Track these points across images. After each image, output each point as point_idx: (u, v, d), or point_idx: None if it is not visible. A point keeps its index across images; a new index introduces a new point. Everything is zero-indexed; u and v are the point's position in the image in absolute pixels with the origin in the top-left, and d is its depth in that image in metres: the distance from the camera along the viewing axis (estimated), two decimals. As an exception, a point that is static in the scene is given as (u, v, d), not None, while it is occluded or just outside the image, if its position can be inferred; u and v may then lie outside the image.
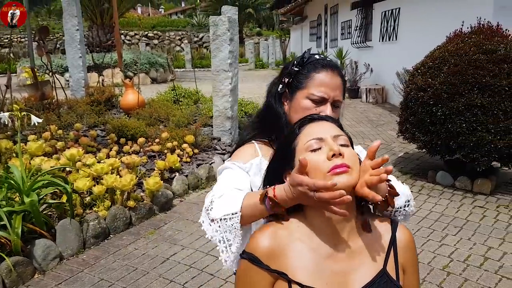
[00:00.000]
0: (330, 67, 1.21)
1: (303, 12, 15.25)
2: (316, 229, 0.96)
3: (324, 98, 1.17)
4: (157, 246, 3.33)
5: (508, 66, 4.01)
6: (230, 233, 0.99)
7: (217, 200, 1.03)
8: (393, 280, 0.95)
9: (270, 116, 1.27)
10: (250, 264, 0.95)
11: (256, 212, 0.98)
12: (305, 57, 1.23)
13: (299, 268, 0.93)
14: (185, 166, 4.87)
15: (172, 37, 29.13)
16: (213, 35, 5.49)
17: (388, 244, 0.98)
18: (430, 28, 6.86)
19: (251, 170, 1.19)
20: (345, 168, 0.89)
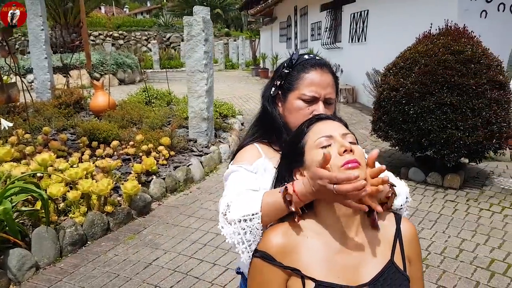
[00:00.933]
0: (319, 65, 1.22)
1: (273, 13, 15.34)
2: (327, 225, 0.98)
3: (315, 97, 1.19)
4: (138, 251, 3.26)
5: (475, 66, 4.19)
6: (251, 234, 0.99)
7: (235, 201, 1.03)
8: (400, 270, 0.99)
9: (267, 119, 1.28)
10: (263, 262, 0.96)
11: (277, 211, 0.98)
12: (294, 58, 1.24)
13: (311, 263, 0.95)
14: (162, 168, 4.80)
15: (138, 37, 28.59)
16: (187, 36, 5.44)
17: (394, 236, 1.02)
18: (398, 30, 7.06)
19: (258, 172, 1.19)
20: (356, 163, 0.92)
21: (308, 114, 1.18)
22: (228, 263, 3.08)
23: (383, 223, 1.03)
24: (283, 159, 1.10)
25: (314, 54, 1.31)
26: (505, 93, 4.24)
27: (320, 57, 1.28)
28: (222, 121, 6.92)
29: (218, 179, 5.07)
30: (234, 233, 1.00)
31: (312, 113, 1.18)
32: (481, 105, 4.11)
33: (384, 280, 0.96)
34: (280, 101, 1.26)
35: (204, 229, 3.66)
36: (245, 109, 8.91)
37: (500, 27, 5.70)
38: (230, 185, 1.15)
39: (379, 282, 0.95)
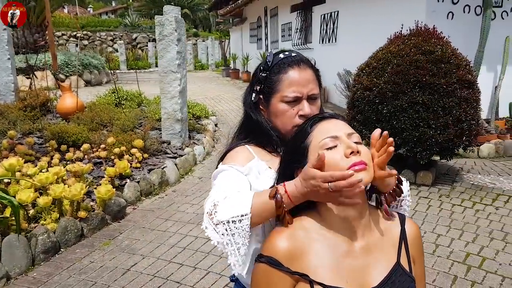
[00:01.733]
0: (296, 63, 1.17)
1: (242, 13, 15.31)
2: (332, 227, 0.96)
3: (297, 97, 1.15)
4: (115, 257, 3.16)
5: (445, 66, 4.30)
6: (239, 236, 0.93)
7: (222, 202, 0.97)
8: (406, 272, 0.98)
9: (252, 126, 1.22)
10: (269, 267, 0.92)
11: (267, 212, 0.94)
12: (269, 60, 1.19)
13: (319, 268, 0.92)
14: (135, 171, 4.68)
15: (104, 38, 27.91)
16: (159, 35, 5.33)
17: (399, 237, 1.01)
18: (369, 31, 7.19)
19: (251, 174, 1.13)
20: (363, 165, 0.90)
21: (294, 115, 1.15)
22: (209, 266, 3.03)
23: (388, 224, 1.02)
24: (284, 159, 1.06)
25: (289, 50, 1.26)
26: (473, 92, 4.38)
27: (295, 52, 1.22)
28: (195, 122, 6.84)
29: (194, 181, 5.00)
30: (222, 235, 0.94)
31: (298, 113, 1.15)
32: (452, 104, 4.22)
33: (392, 283, 0.94)
34: (263, 105, 1.21)
35: (182, 233, 3.59)
36: (218, 110, 8.85)
37: (465, 28, 5.90)
38: (218, 185, 1.09)
39: (388, 286, 0.94)
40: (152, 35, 26.98)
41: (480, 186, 4.57)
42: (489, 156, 5.78)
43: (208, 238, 0.96)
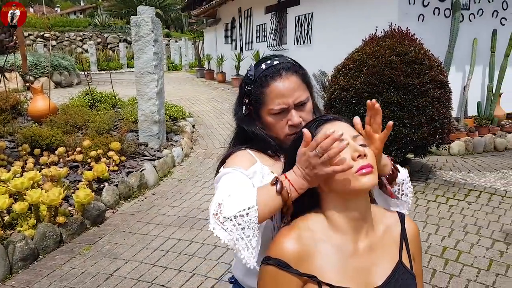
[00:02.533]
0: (277, 73, 1.15)
1: (216, 14, 15.26)
2: (337, 227, 0.97)
3: (284, 108, 1.14)
4: (97, 262, 3.10)
5: (418, 67, 4.43)
6: (249, 228, 0.91)
7: (227, 199, 0.96)
8: (408, 270, 1.01)
9: (247, 136, 1.21)
10: (278, 270, 0.92)
11: (272, 202, 0.93)
12: (251, 74, 1.18)
13: (326, 269, 0.93)
14: (113, 175, 4.60)
15: (73, 38, 27.19)
16: (135, 36, 5.27)
17: (400, 236, 1.04)
18: (343, 32, 7.31)
19: (255, 178, 1.12)
20: (370, 168, 0.92)
21: (284, 125, 1.15)
22: (193, 268, 3.02)
23: (389, 223, 1.05)
24: (288, 162, 1.06)
25: (271, 57, 1.21)
26: (445, 92, 4.54)
27: (277, 59, 1.19)
28: (172, 124, 6.78)
29: (173, 183, 4.96)
30: (231, 231, 0.91)
31: (288, 123, 1.14)
32: (425, 103, 4.36)
33: (395, 282, 0.97)
34: (255, 117, 1.21)
35: (165, 236, 3.56)
36: (194, 111, 8.80)
37: (435, 30, 6.09)
38: (222, 186, 1.06)
39: (391, 284, 0.97)
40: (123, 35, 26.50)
41: (453, 182, 4.73)
42: (459, 153, 5.99)
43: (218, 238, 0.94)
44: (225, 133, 7.09)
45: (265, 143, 1.18)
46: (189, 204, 4.27)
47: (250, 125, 1.20)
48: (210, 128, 7.50)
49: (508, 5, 6.73)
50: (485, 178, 4.88)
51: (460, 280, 2.80)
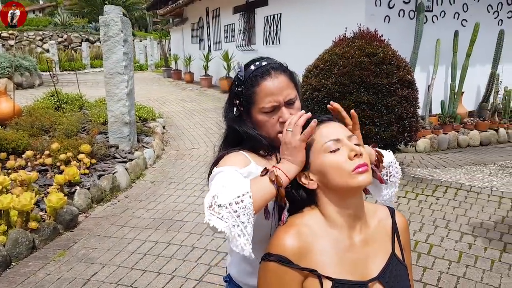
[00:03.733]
0: (267, 73, 1.18)
1: (183, 14, 15.11)
2: (333, 223, 1.01)
3: (275, 106, 1.17)
4: (72, 267, 3.02)
5: (387, 67, 4.57)
6: (244, 215, 0.93)
7: (221, 190, 0.97)
8: (401, 261, 1.07)
9: (239, 137, 1.23)
10: (279, 265, 0.95)
11: (265, 191, 0.97)
12: (241, 75, 1.20)
13: (326, 263, 0.97)
14: (84, 178, 4.49)
15: (32, 38, 26.18)
16: (104, 36, 5.15)
17: (391, 229, 1.09)
18: (312, 33, 7.43)
19: (250, 178, 1.11)
20: (366, 167, 0.96)
21: (275, 123, 1.18)
22: (173, 270, 3.00)
23: (381, 217, 1.10)
24: None
25: (259, 59, 1.24)
26: (412, 91, 4.70)
27: (266, 60, 1.23)
28: (142, 125, 6.68)
29: (146, 185, 4.89)
30: (227, 218, 0.92)
31: (279, 120, 1.17)
32: (394, 103, 4.50)
33: (390, 272, 1.02)
34: (246, 117, 1.23)
35: (141, 239, 3.51)
36: (164, 111, 8.69)
37: (401, 31, 6.30)
38: (216, 183, 1.06)
39: (386, 275, 1.02)
40: (85, 34, 25.77)
41: (420, 178, 4.92)
42: (425, 150, 6.22)
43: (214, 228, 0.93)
44: (196, 134, 7.06)
45: (258, 142, 1.20)
46: (164, 206, 4.23)
47: (242, 125, 1.22)
48: (181, 129, 7.44)
49: (469, 7, 7.06)
50: (450, 174, 5.10)
51: (433, 272, 2.92)
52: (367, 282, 0.99)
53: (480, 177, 4.95)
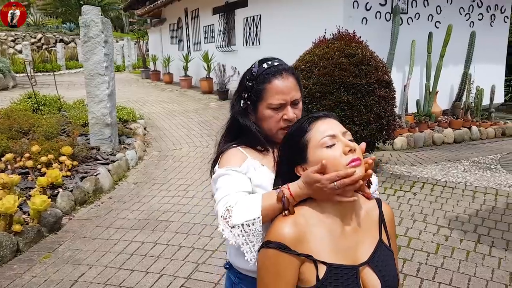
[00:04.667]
0: (279, 73, 1.28)
1: (161, 14, 15.02)
2: (328, 214, 1.10)
3: (282, 104, 1.27)
4: (59, 269, 3.02)
5: (365, 68, 4.71)
6: (253, 236, 1.09)
7: (235, 207, 1.10)
8: (387, 247, 1.16)
9: (240, 129, 1.33)
10: (278, 252, 1.04)
11: (274, 212, 1.10)
12: (254, 71, 1.30)
13: (320, 249, 1.06)
14: (66, 180, 4.46)
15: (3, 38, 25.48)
16: (85, 37, 5.12)
17: (378, 218, 1.18)
18: (292, 34, 7.54)
19: (249, 171, 1.25)
20: (359, 161, 1.05)
21: (279, 119, 1.28)
22: (161, 269, 3.03)
23: (369, 207, 1.19)
24: (282, 154, 1.18)
25: (272, 58, 1.35)
26: (390, 90, 4.86)
27: (277, 61, 1.33)
28: (123, 126, 6.64)
29: (130, 187, 4.89)
30: (238, 236, 1.08)
31: (283, 117, 1.27)
32: (372, 102, 4.64)
33: (378, 257, 1.12)
34: (251, 111, 1.33)
35: (127, 239, 3.53)
36: (144, 113, 8.64)
37: (378, 33, 6.47)
38: (223, 188, 1.20)
39: (375, 259, 1.11)
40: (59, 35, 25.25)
41: (398, 175, 5.08)
42: (402, 148, 6.41)
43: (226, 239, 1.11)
44: (178, 135, 7.06)
45: (255, 137, 1.30)
46: (149, 207, 4.24)
47: (245, 118, 1.32)
48: (162, 130, 7.42)
49: (442, 10, 7.31)
50: (426, 170, 5.28)
51: (412, 264, 3.05)
52: (358, 266, 1.08)
53: (454, 173, 5.15)
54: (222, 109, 8.97)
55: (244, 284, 1.32)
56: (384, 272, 1.10)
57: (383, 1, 6.70)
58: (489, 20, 8.08)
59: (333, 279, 1.04)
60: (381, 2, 6.68)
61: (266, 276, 1.06)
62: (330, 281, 1.04)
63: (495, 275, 2.90)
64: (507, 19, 8.40)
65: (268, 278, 1.06)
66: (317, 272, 1.05)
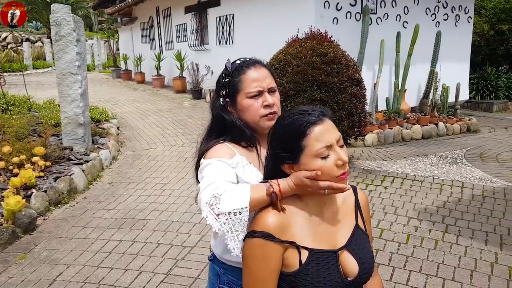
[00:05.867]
0: (252, 64, 1.35)
1: (132, 13, 14.82)
2: (307, 203, 1.18)
3: (260, 91, 1.32)
4: (36, 269, 2.99)
5: (337, 66, 4.85)
6: (239, 225, 1.10)
7: (224, 195, 1.11)
8: (363, 231, 1.24)
9: (224, 125, 1.36)
10: (264, 240, 1.10)
11: (260, 205, 1.13)
12: (229, 67, 1.36)
13: (302, 236, 1.14)
14: (40, 181, 4.39)
15: (-36, 38, 24.47)
16: (56, 36, 5.04)
17: (354, 204, 1.27)
18: (265, 33, 7.61)
19: (238, 168, 1.27)
20: (347, 174, 1.14)
21: (259, 107, 1.32)
22: (140, 266, 3.05)
23: (345, 195, 1.26)
24: (275, 151, 1.18)
25: (243, 57, 1.42)
26: (361, 88, 5.01)
27: (249, 58, 1.40)
28: (96, 126, 6.56)
29: (104, 186, 4.85)
30: (223, 224, 1.09)
31: (263, 104, 1.31)
32: (344, 100, 4.78)
33: (355, 241, 1.20)
34: (231, 107, 1.37)
35: (105, 238, 3.52)
36: (117, 112, 8.54)
37: (348, 32, 6.64)
38: (209, 176, 1.20)
39: (352, 243, 1.19)
40: (25, 34, 24.48)
41: (370, 170, 5.25)
42: (373, 144, 6.61)
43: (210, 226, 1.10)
44: (152, 134, 7.03)
45: (241, 132, 1.34)
46: (125, 206, 4.23)
47: (229, 114, 1.36)
48: (136, 130, 7.36)
49: (409, 10, 7.57)
50: (396, 165, 5.48)
51: (384, 254, 3.19)
52: (337, 250, 1.16)
53: (423, 167, 5.36)
54: (196, 108, 8.97)
55: (229, 273, 1.37)
56: (361, 255, 1.19)
57: (353, 2, 6.88)
58: (454, 20, 8.42)
59: (314, 263, 1.12)
60: (351, 2, 6.86)
61: (253, 264, 1.11)
62: (312, 265, 1.12)
63: (462, 262, 3.07)
64: (470, 19, 8.78)
65: (254, 266, 1.11)
66: (300, 257, 1.12)
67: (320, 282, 1.11)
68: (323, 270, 1.12)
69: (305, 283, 1.11)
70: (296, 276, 1.12)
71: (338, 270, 1.14)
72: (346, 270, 1.16)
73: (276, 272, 1.12)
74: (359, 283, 1.18)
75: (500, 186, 4.67)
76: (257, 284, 1.12)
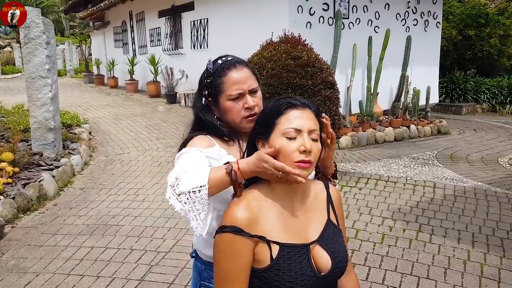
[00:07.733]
0: (233, 65, 1.34)
1: (105, 17, 14.59)
2: (278, 195, 1.16)
3: (240, 93, 1.31)
4: (3, 278, 2.87)
5: (311, 69, 4.89)
6: (199, 203, 1.10)
7: (183, 175, 1.12)
8: (336, 226, 1.24)
9: (204, 125, 1.37)
10: (233, 235, 1.08)
11: (222, 184, 1.12)
12: (210, 67, 1.35)
13: (272, 230, 1.12)
14: (7, 187, 4.23)
15: None
16: (25, 38, 4.90)
17: (326, 199, 1.26)
18: (240, 37, 7.62)
19: (213, 157, 1.27)
20: (308, 164, 1.11)
21: (240, 109, 1.32)
22: (112, 273, 2.97)
23: (317, 189, 1.26)
24: (256, 126, 1.20)
25: (225, 55, 1.41)
26: (334, 91, 5.07)
27: (231, 56, 1.38)
28: (67, 131, 6.39)
29: (76, 192, 4.72)
30: (184, 203, 1.09)
31: (244, 106, 1.32)
32: (318, 102, 4.82)
33: (327, 235, 1.19)
34: (214, 106, 1.37)
35: (76, 245, 3.42)
36: (89, 117, 8.35)
37: (321, 36, 6.73)
38: (181, 164, 1.21)
39: (324, 237, 1.18)
40: (-7, 38, 23.75)
41: (344, 172, 5.30)
42: (347, 146, 6.69)
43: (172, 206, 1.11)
44: (126, 139, 6.91)
45: (219, 131, 1.35)
46: (97, 212, 4.13)
47: (207, 114, 1.36)
48: (108, 135, 7.22)
49: (380, 15, 7.73)
50: (370, 167, 5.56)
51: (360, 254, 3.22)
52: (309, 244, 1.15)
53: (396, 169, 5.46)
54: (171, 112, 8.88)
55: (210, 269, 1.35)
56: (334, 249, 1.18)
57: (326, 7, 6.98)
58: (423, 25, 8.66)
59: (286, 258, 1.11)
60: (324, 7, 6.95)
61: (223, 259, 1.10)
62: (283, 260, 1.10)
63: (435, 260, 3.13)
64: (439, 25, 9.04)
65: (224, 261, 1.10)
66: (270, 252, 1.10)
67: (292, 277, 1.09)
68: (294, 265, 1.11)
69: (276, 278, 1.09)
70: (267, 272, 1.10)
71: (310, 264, 1.13)
72: (319, 265, 1.15)
73: (247, 267, 1.10)
74: (333, 277, 1.18)
75: (470, 185, 4.80)
76: (227, 281, 1.10)
